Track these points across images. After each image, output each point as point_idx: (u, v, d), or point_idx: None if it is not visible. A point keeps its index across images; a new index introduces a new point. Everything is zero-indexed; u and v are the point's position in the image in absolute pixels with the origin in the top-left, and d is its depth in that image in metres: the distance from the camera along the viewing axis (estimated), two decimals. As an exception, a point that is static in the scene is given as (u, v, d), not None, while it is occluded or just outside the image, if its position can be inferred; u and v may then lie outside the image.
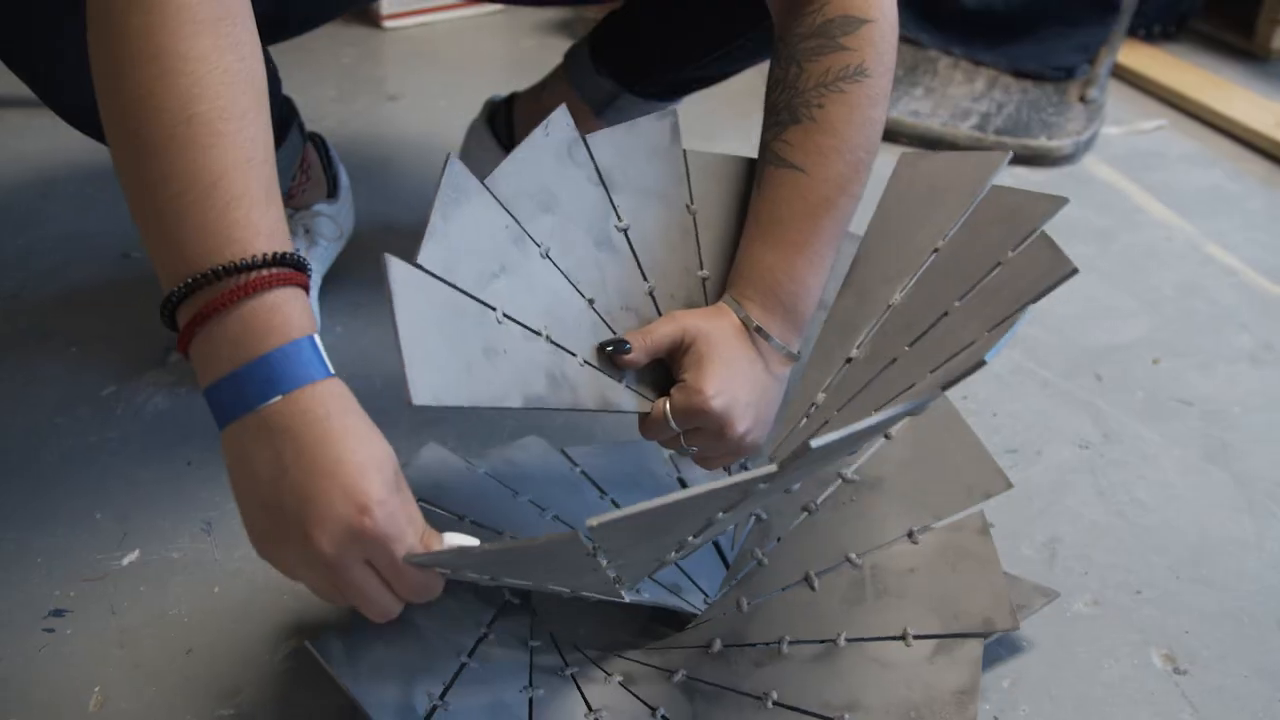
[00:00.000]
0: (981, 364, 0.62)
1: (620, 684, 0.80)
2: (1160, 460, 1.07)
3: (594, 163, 0.80)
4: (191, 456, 0.99)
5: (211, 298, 0.58)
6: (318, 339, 0.61)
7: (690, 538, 0.69)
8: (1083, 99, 1.77)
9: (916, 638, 0.78)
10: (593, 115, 1.15)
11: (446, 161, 0.71)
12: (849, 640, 0.79)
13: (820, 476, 0.88)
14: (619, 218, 0.81)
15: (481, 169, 1.25)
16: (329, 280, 1.19)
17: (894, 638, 0.79)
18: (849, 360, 0.82)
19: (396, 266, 0.65)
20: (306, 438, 0.58)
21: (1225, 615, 0.90)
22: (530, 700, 0.77)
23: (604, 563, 0.64)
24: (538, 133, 0.78)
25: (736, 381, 0.78)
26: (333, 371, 0.61)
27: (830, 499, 0.87)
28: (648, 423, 0.80)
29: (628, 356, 0.78)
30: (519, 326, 0.73)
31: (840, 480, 0.87)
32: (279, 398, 0.58)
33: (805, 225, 0.78)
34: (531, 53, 1.96)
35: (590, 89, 1.13)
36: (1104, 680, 0.84)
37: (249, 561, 0.89)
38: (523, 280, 0.75)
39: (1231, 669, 0.86)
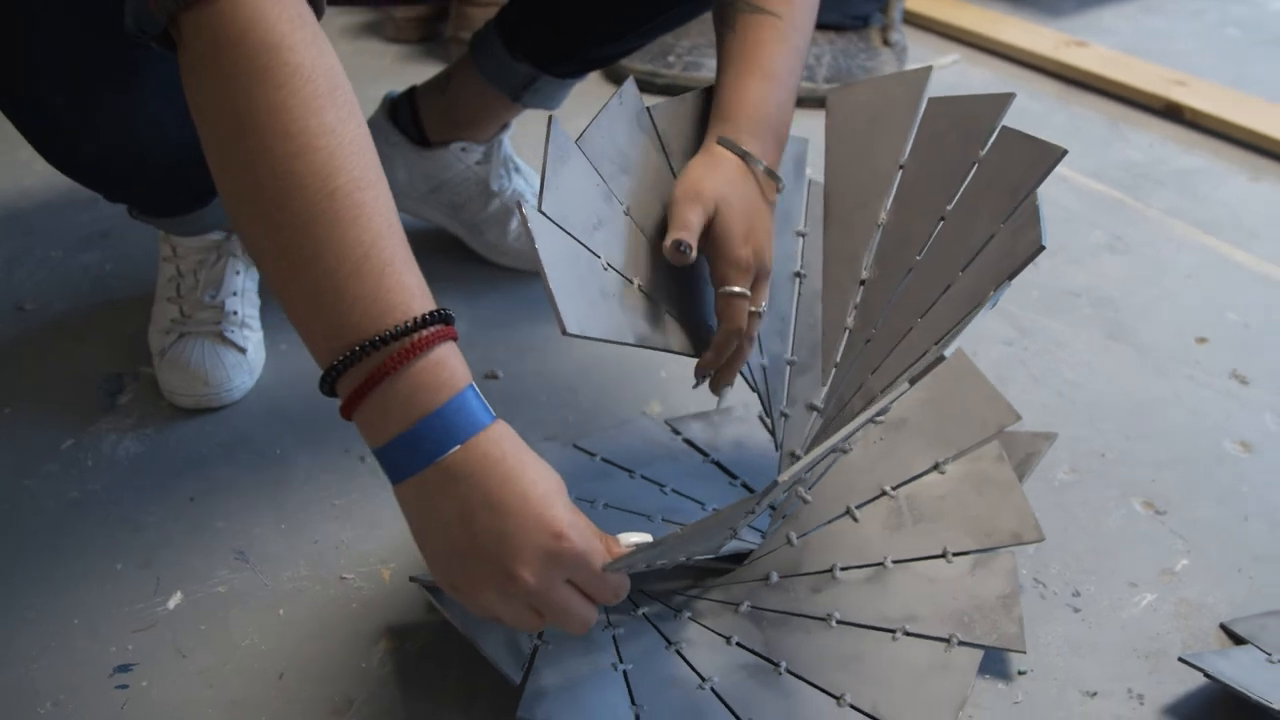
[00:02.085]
0: (1041, 248, 0.69)
1: (691, 619, 0.84)
2: (1073, 345, 1.20)
3: (656, 131, 0.84)
4: (191, 491, 0.96)
5: (380, 362, 0.60)
6: (475, 386, 0.63)
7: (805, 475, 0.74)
8: (886, 42, 1.91)
9: (956, 555, 0.86)
10: (510, 101, 1.16)
11: (550, 123, 0.74)
12: (895, 562, 0.86)
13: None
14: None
15: (390, 164, 1.25)
16: (266, 295, 1.16)
17: (935, 556, 0.86)
18: (862, 283, 0.88)
19: (532, 211, 0.68)
20: (490, 480, 0.61)
21: (1176, 460, 1.03)
22: (614, 637, 0.81)
23: (744, 522, 0.69)
24: (613, 102, 0.81)
25: (756, 223, 0.82)
26: (495, 414, 0.64)
27: (860, 439, 0.93)
28: (730, 312, 0.81)
29: (694, 256, 0.79)
30: (618, 275, 0.77)
31: (869, 422, 0.94)
32: (457, 447, 0.61)
33: (787, 62, 0.84)
34: (350, 58, 1.92)
35: (506, 76, 1.14)
36: (1105, 532, 0.95)
37: (304, 580, 0.88)
38: (614, 234, 0.78)
39: (1199, 503, 0.98)
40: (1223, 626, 0.85)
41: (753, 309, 0.82)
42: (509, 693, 0.76)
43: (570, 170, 0.76)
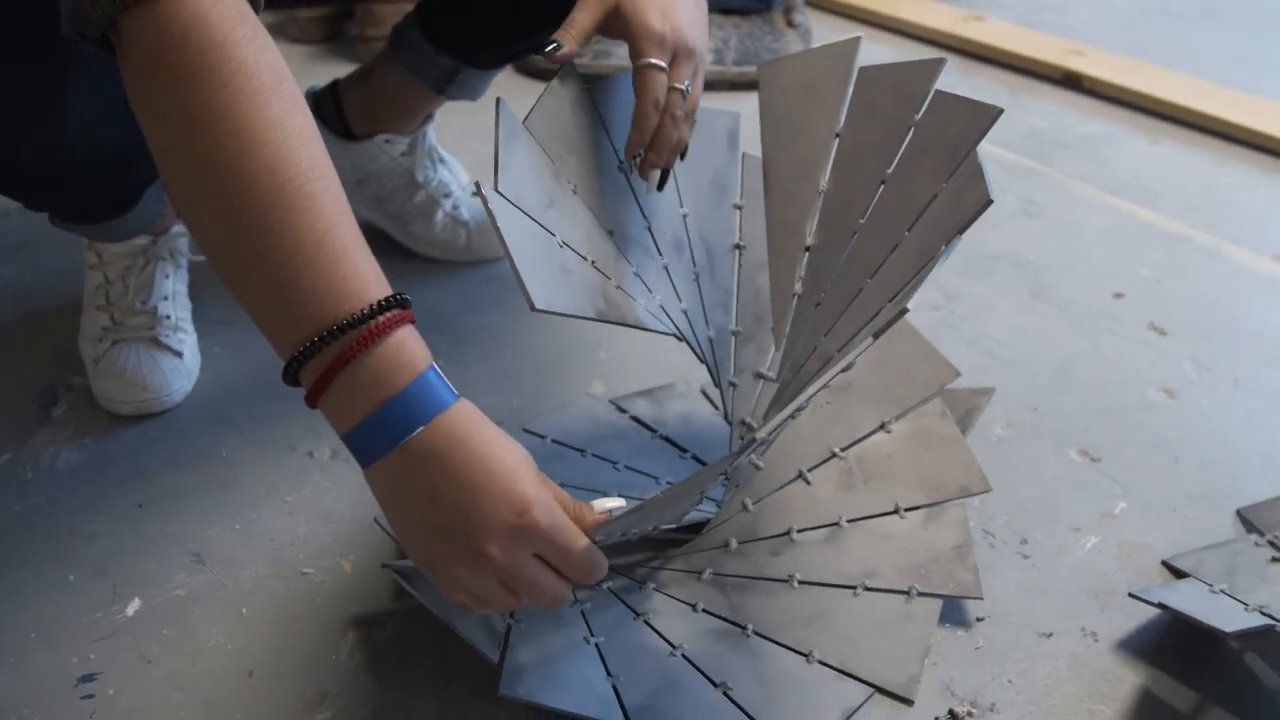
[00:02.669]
0: (989, 202, 0.72)
1: (655, 589, 0.85)
2: (998, 306, 1.24)
3: (596, 109, 0.85)
4: (139, 498, 0.94)
5: (340, 351, 0.61)
6: (437, 366, 0.64)
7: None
8: (790, 24, 1.94)
9: (908, 510, 0.89)
10: (433, 93, 1.16)
11: (499, 106, 0.74)
12: (850, 521, 0.89)
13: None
14: (619, 158, 0.86)
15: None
16: (196, 297, 1.14)
17: (888, 513, 0.89)
18: (807, 249, 0.90)
19: (491, 191, 0.69)
20: (455, 459, 0.62)
21: (1105, 411, 1.07)
22: (583, 612, 0.82)
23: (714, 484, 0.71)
24: (554, 83, 0.82)
25: (673, 2, 0.80)
26: (457, 393, 0.64)
27: (808, 404, 0.95)
28: (645, 84, 0.79)
29: (560, 53, 0.79)
30: (573, 252, 0.77)
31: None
32: (422, 428, 0.62)
33: None
34: (253, 60, 1.89)
35: (428, 69, 1.14)
36: (1045, 481, 0.99)
37: (263, 578, 0.87)
38: (565, 212, 0.79)
39: (1130, 449, 1.02)
40: (1164, 563, 0.89)
41: (675, 85, 0.80)
42: (483, 674, 0.77)
43: (520, 151, 0.76)
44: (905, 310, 0.63)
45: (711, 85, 1.79)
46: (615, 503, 0.70)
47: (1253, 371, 1.14)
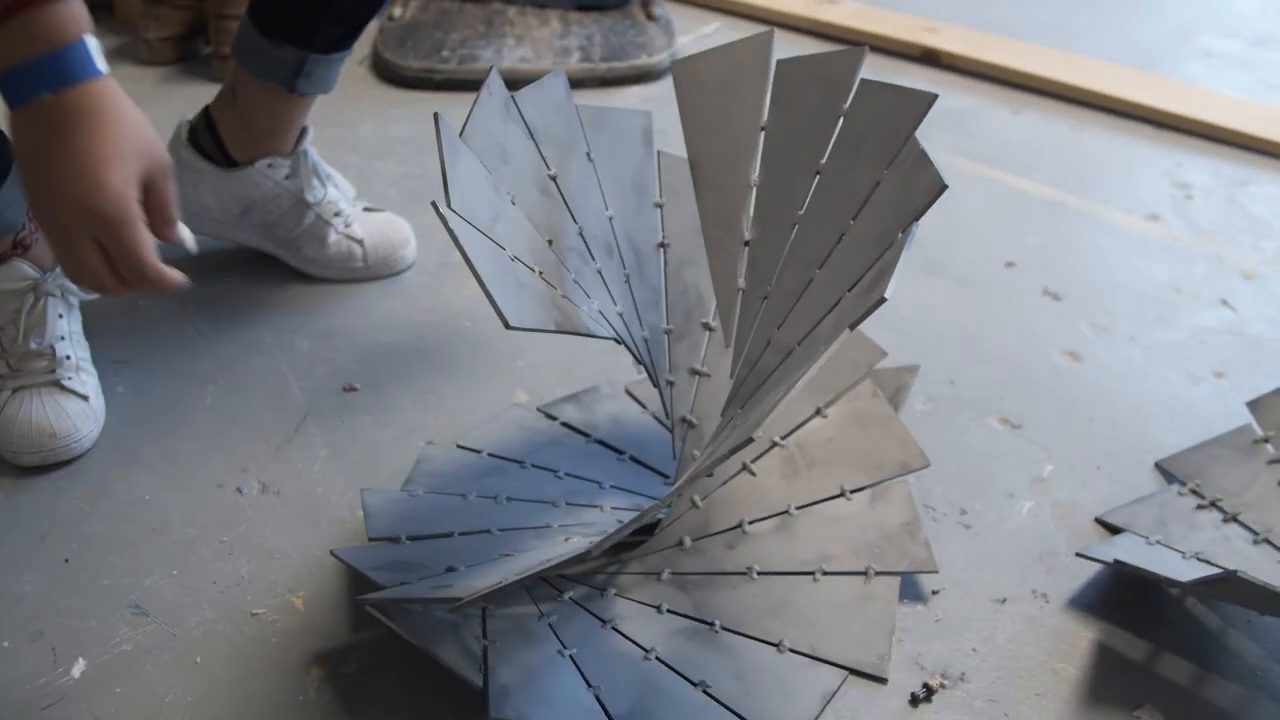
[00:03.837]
0: (944, 187, 0.73)
1: (616, 595, 0.86)
2: (899, 284, 1.27)
3: (523, 118, 0.83)
4: (65, 553, 0.89)
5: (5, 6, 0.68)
6: (91, 41, 0.71)
7: None
8: (650, 17, 1.94)
9: (853, 492, 0.91)
10: (285, 93, 1.13)
11: (437, 121, 0.72)
12: (798, 508, 0.91)
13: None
14: (548, 166, 0.85)
15: (197, 189, 1.20)
16: (89, 337, 1.08)
17: (835, 496, 0.91)
18: (746, 244, 0.91)
19: (449, 212, 0.69)
20: (68, 131, 0.70)
21: (1017, 379, 1.12)
22: (550, 625, 0.82)
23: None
24: (483, 94, 0.80)
25: None
26: (105, 71, 0.72)
27: (785, 396, 0.96)
28: None
29: None
30: (522, 265, 0.77)
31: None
32: (48, 94, 0.69)
33: None
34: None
35: (275, 67, 1.10)
36: (973, 452, 1.02)
37: (212, 623, 0.84)
38: (509, 225, 0.78)
39: (1046, 413, 1.07)
40: (1098, 520, 0.94)
41: None
42: (457, 697, 0.76)
43: (464, 166, 0.75)
44: (884, 299, 0.64)
45: (580, 83, 1.78)
46: (187, 235, 0.82)
47: (1146, 328, 1.20)
